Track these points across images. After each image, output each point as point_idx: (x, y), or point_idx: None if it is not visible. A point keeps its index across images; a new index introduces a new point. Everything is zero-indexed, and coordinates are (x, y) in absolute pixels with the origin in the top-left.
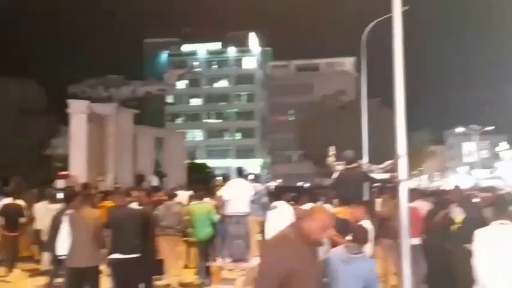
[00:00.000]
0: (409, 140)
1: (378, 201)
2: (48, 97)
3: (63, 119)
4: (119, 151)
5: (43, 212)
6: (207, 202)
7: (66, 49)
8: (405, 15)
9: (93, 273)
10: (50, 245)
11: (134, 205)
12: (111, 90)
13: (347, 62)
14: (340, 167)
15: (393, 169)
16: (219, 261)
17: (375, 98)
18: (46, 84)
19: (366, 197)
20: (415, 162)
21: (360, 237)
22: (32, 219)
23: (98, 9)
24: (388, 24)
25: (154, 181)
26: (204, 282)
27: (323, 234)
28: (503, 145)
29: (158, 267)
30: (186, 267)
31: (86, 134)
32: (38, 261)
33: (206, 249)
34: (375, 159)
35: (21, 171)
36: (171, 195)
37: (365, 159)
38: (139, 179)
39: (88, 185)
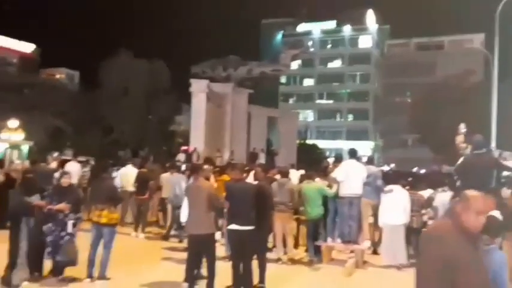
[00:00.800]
0: None
1: (508, 192)
2: (173, 77)
3: (186, 98)
4: (235, 129)
5: (168, 182)
6: (318, 182)
7: (190, 30)
8: None
9: (208, 241)
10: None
11: (250, 180)
12: (229, 71)
13: (476, 39)
14: (468, 150)
15: None
16: (329, 241)
17: (506, 80)
18: (171, 65)
19: (495, 185)
20: None
21: (491, 229)
22: (159, 187)
23: None
24: None
25: (262, 159)
26: (313, 260)
27: (480, 224)
28: None
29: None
30: (296, 244)
31: (205, 112)
32: (162, 227)
33: (317, 228)
34: (504, 146)
35: (148, 145)
36: (285, 173)
37: (493, 145)
38: (253, 156)
39: (210, 159)
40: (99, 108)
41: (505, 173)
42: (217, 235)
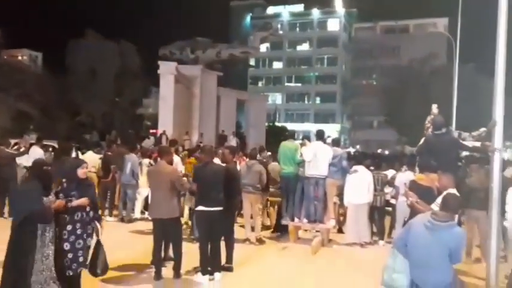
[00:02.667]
0: (506, 106)
1: (467, 170)
2: (141, 59)
3: (155, 80)
4: (204, 112)
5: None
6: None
7: (157, 12)
8: None
9: (172, 224)
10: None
11: (218, 162)
12: (198, 53)
13: (440, 23)
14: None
15: (487, 137)
16: (296, 221)
17: (467, 63)
18: (140, 47)
19: (455, 164)
20: (510, 132)
21: (451, 206)
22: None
23: None
24: None
25: (233, 141)
26: (280, 239)
27: None
28: None
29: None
30: (263, 224)
31: (174, 95)
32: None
33: (285, 205)
34: (463, 127)
35: (116, 128)
36: (253, 155)
37: (454, 125)
38: (222, 138)
39: (175, 141)
40: (66, 90)
41: (464, 153)
42: (185, 216)
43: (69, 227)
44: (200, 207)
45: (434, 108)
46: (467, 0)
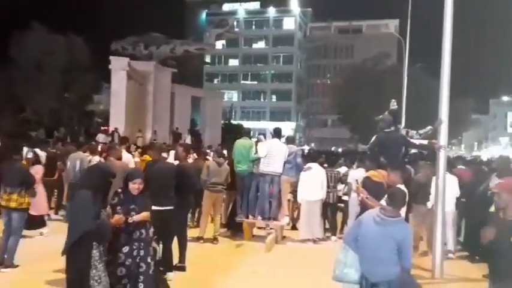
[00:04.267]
0: (451, 106)
1: (415, 167)
2: (92, 54)
3: (106, 76)
4: (157, 108)
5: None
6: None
7: (110, 5)
8: None
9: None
10: None
11: (171, 160)
12: (151, 48)
13: (391, 25)
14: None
15: (432, 135)
16: (250, 218)
17: (417, 64)
18: (90, 41)
19: (402, 161)
20: (456, 130)
21: (397, 201)
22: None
23: None
24: None
25: (188, 139)
26: (234, 237)
27: None
28: None
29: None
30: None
31: (126, 91)
32: None
33: (240, 203)
34: (412, 126)
35: (64, 125)
36: (220, 153)
37: (403, 124)
38: (176, 135)
39: (126, 139)
40: (10, 84)
41: (413, 150)
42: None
43: (125, 249)
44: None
45: (393, 103)
46: (417, 3)
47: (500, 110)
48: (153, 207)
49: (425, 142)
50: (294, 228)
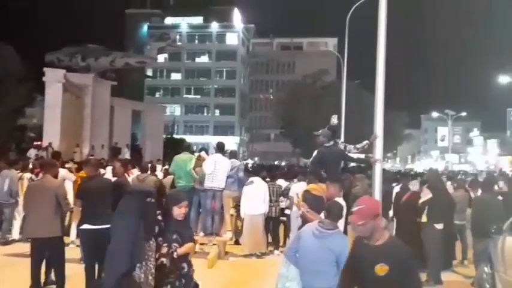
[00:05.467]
0: (385, 122)
1: (353, 180)
2: (25, 65)
3: (39, 88)
4: (95, 122)
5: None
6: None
7: (46, 16)
8: None
9: (55, 244)
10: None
11: (108, 176)
12: (89, 60)
13: (330, 43)
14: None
15: (369, 149)
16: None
17: (354, 80)
18: (23, 52)
19: (340, 175)
20: (391, 144)
21: (334, 213)
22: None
23: None
24: (373, 5)
25: (127, 154)
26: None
27: None
28: (475, 131)
29: None
30: None
31: (62, 104)
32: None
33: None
34: (350, 140)
35: None
36: (145, 168)
37: (342, 138)
38: (115, 150)
39: (57, 154)
40: None
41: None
42: (73, 235)
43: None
44: (85, 226)
45: (334, 118)
46: (354, 22)
47: (430, 125)
48: (88, 226)
49: (362, 156)
50: (237, 243)
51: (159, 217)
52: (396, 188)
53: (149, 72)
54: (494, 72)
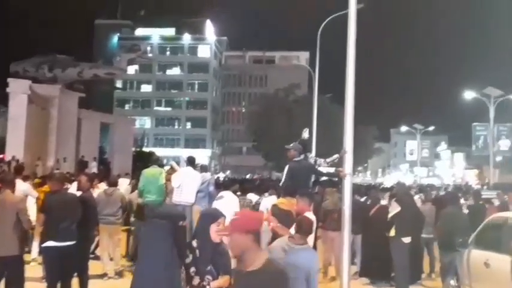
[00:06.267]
0: (356, 135)
1: (323, 194)
2: None
3: (3, 99)
4: (62, 135)
5: None
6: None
7: (11, 25)
8: (360, 12)
9: (14, 263)
10: None
11: (73, 191)
12: (56, 71)
13: (302, 56)
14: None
15: (339, 163)
16: None
17: (326, 94)
18: None
19: (311, 189)
20: (361, 157)
21: (304, 228)
22: None
23: None
24: (345, 20)
25: (94, 168)
26: None
27: None
28: (442, 145)
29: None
30: (126, 255)
31: (26, 116)
32: None
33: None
34: (322, 154)
35: None
36: (113, 182)
37: (314, 152)
38: (82, 164)
39: (20, 168)
40: None
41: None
42: (34, 253)
43: None
44: (49, 243)
45: (305, 132)
46: (326, 37)
47: (400, 139)
48: (52, 244)
49: (332, 170)
50: None
51: (194, 243)
52: (365, 201)
53: (119, 84)
54: (460, 87)
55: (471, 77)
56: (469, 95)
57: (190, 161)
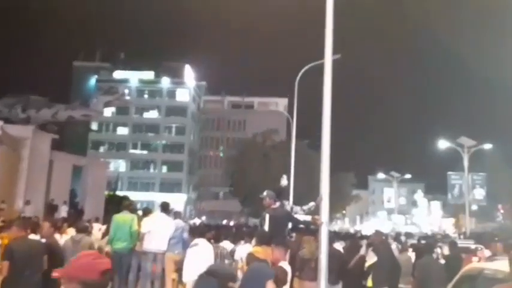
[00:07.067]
0: (333, 182)
1: (300, 242)
2: None
3: None
4: (32, 177)
5: None
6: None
7: None
8: (336, 63)
9: None
10: None
11: (37, 237)
12: (30, 112)
13: (281, 103)
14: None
15: (316, 211)
16: None
17: (304, 140)
18: None
19: (286, 238)
20: (339, 205)
21: (279, 279)
22: None
23: (28, 19)
24: (321, 69)
25: (63, 212)
26: None
27: None
28: (419, 193)
29: None
30: None
31: None
32: None
33: (118, 284)
34: (299, 200)
35: None
36: (82, 228)
37: (291, 199)
38: (51, 208)
39: None
40: None
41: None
42: None
43: None
44: None
45: (284, 180)
46: (304, 84)
47: (377, 186)
48: None
49: (308, 218)
50: None
51: None
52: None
53: (94, 126)
54: (435, 136)
55: (446, 126)
56: (443, 144)
57: (164, 207)
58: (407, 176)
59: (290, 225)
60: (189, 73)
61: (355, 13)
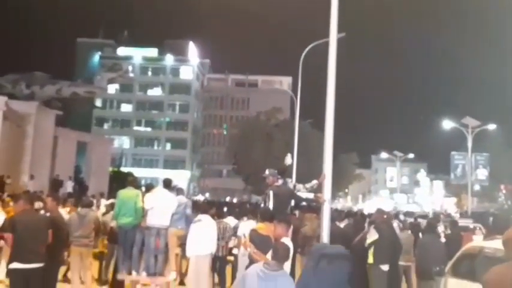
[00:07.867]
0: (336, 161)
1: (302, 219)
2: None
3: None
4: (37, 153)
5: None
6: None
7: None
8: (341, 41)
9: None
10: None
11: (42, 211)
12: (34, 88)
13: (285, 81)
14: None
15: (319, 189)
16: (134, 275)
17: (307, 119)
18: None
19: (289, 214)
20: (342, 183)
21: (281, 254)
22: None
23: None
24: (325, 48)
25: (69, 187)
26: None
27: None
28: (422, 172)
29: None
30: (98, 279)
31: (0, 133)
32: None
33: (122, 258)
34: (301, 179)
35: None
36: (86, 204)
37: (294, 177)
38: (56, 183)
39: None
40: None
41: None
42: (1, 275)
43: None
44: (15, 265)
45: (288, 158)
46: (308, 63)
47: (380, 165)
48: (19, 265)
49: (311, 195)
50: (181, 284)
51: None
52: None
53: (98, 103)
54: (439, 116)
55: (450, 106)
56: (447, 124)
57: (166, 184)
58: (411, 155)
59: (293, 202)
60: (192, 51)
61: None
